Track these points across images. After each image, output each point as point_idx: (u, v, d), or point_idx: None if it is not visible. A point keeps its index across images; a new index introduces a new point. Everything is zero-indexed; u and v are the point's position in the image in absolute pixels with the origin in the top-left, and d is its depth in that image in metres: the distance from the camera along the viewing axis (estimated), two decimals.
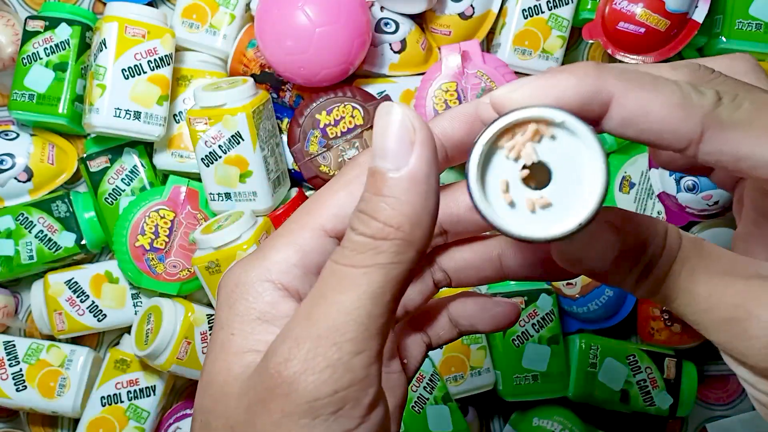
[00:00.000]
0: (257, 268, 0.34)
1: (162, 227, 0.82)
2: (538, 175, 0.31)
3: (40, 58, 0.82)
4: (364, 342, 0.30)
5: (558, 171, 0.31)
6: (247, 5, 0.84)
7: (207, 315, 0.82)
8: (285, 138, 0.83)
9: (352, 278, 0.30)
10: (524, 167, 0.30)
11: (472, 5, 0.84)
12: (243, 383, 0.32)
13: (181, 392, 0.92)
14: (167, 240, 0.82)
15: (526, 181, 0.31)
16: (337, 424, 0.30)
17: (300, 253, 0.35)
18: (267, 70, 0.84)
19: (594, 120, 0.30)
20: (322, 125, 0.79)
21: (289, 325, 0.31)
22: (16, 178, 0.85)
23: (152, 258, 0.82)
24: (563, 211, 0.30)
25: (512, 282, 0.87)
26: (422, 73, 0.82)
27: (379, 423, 0.32)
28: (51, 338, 0.87)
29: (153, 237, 0.82)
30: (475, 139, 0.30)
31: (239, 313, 0.34)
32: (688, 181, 0.83)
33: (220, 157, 0.77)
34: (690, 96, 0.29)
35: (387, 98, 0.80)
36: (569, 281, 0.86)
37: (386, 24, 0.83)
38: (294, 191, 0.84)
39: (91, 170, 0.84)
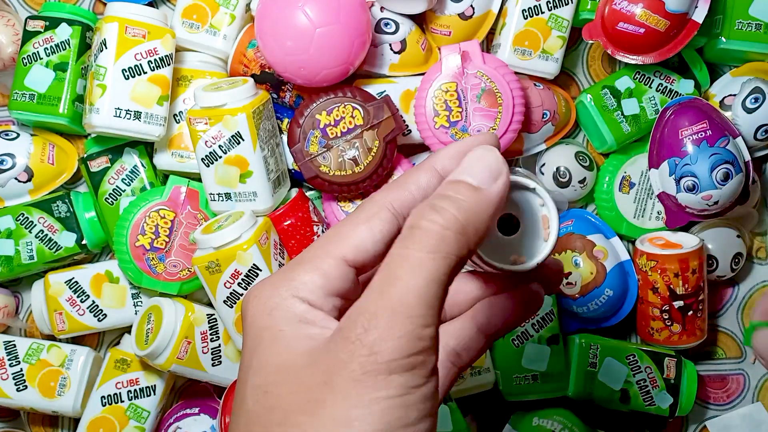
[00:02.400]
0: (286, 286, 0.39)
1: (162, 227, 0.82)
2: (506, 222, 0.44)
3: (41, 58, 0.82)
4: (430, 318, 0.36)
5: (523, 220, 0.44)
6: (248, 5, 0.84)
7: (207, 315, 0.82)
8: (285, 138, 0.84)
9: (423, 262, 0.36)
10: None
11: (472, 5, 0.84)
12: (311, 356, 0.37)
13: (181, 392, 0.92)
14: (167, 240, 0.82)
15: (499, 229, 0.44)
16: (409, 379, 0.35)
17: (324, 279, 0.39)
18: (267, 70, 0.84)
19: None
20: (322, 125, 0.79)
21: (362, 302, 0.36)
22: (16, 178, 0.85)
23: (153, 258, 0.82)
24: (528, 250, 0.43)
25: None
26: (422, 74, 0.82)
27: (436, 386, 0.37)
28: (51, 338, 0.87)
29: (153, 237, 0.82)
30: None
31: (280, 317, 0.39)
32: (688, 181, 0.83)
33: (220, 157, 0.77)
34: None
35: (387, 98, 0.80)
36: (569, 281, 0.86)
37: (386, 24, 0.83)
38: (294, 191, 0.84)
39: (92, 170, 0.84)
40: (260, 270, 0.75)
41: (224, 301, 0.76)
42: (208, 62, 0.85)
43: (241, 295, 0.75)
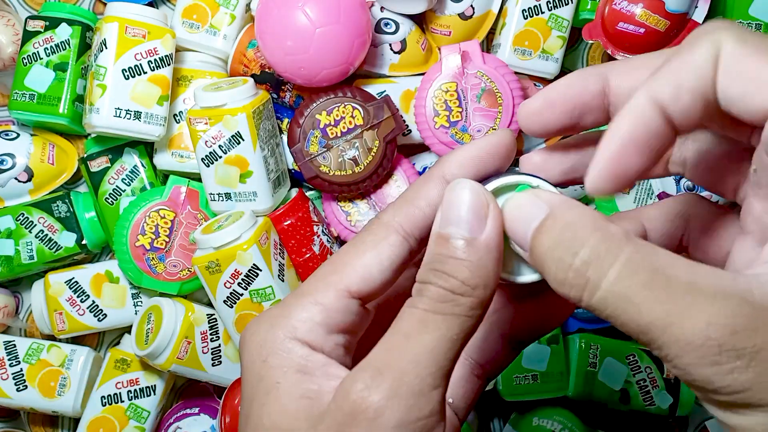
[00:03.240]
0: (283, 327, 0.37)
1: (162, 227, 0.82)
2: None
3: (41, 58, 0.82)
4: (440, 378, 0.34)
5: None
6: (248, 5, 0.84)
7: (207, 315, 0.82)
8: (285, 138, 0.84)
9: (433, 322, 0.34)
10: None
11: (472, 5, 0.84)
12: (310, 421, 0.34)
13: (181, 392, 0.92)
14: (167, 240, 0.82)
15: None
16: None
17: (324, 313, 0.37)
18: (267, 70, 0.84)
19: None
20: (322, 125, 0.79)
21: (368, 359, 0.34)
22: (16, 178, 0.85)
23: (153, 258, 0.82)
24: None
25: None
26: (422, 74, 0.82)
27: None
28: (51, 338, 0.87)
29: (153, 237, 0.82)
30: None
31: (276, 366, 0.36)
32: (688, 181, 0.83)
33: (220, 157, 0.77)
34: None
35: (387, 98, 0.80)
36: None
37: (386, 24, 0.83)
38: (294, 191, 0.84)
39: (92, 170, 0.84)
40: (260, 270, 0.75)
41: (224, 301, 0.76)
42: (208, 62, 0.85)
43: (241, 294, 0.75)
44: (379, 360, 0.34)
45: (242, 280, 0.75)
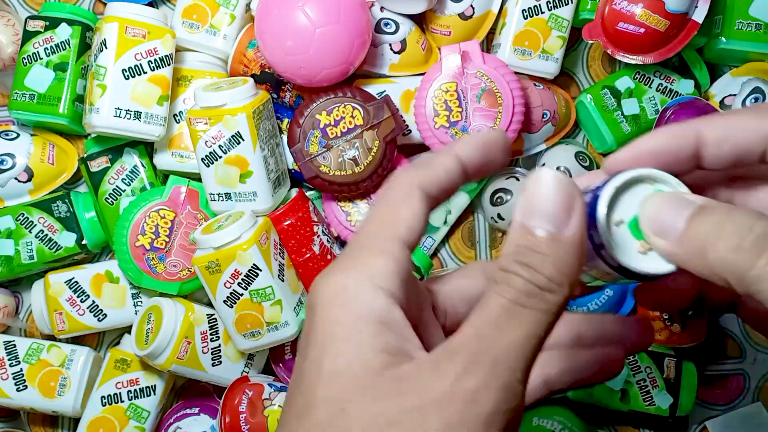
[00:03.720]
0: (361, 273, 0.36)
1: (162, 227, 0.82)
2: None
3: (41, 58, 0.82)
4: (526, 373, 0.34)
5: None
6: (248, 5, 0.84)
7: (207, 315, 0.82)
8: (285, 138, 0.84)
9: (523, 315, 0.34)
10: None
11: (472, 5, 0.84)
12: (397, 382, 0.34)
13: (181, 392, 0.92)
14: (167, 240, 0.82)
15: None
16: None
17: (395, 263, 0.37)
18: (267, 70, 0.84)
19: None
20: (322, 125, 0.79)
21: (460, 341, 0.34)
22: (16, 178, 0.85)
23: (153, 258, 0.82)
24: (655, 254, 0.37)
25: None
26: (422, 74, 0.82)
27: None
28: (51, 338, 0.87)
29: (153, 237, 0.82)
30: (597, 192, 0.37)
31: (357, 313, 0.35)
32: None
33: (220, 157, 0.77)
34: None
35: (387, 98, 0.80)
36: None
37: (386, 24, 0.83)
38: (294, 191, 0.84)
39: (92, 170, 0.84)
40: (260, 270, 0.75)
41: (224, 301, 0.76)
42: (208, 62, 0.85)
43: (241, 294, 0.75)
44: (473, 345, 0.34)
45: (242, 280, 0.75)
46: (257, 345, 0.78)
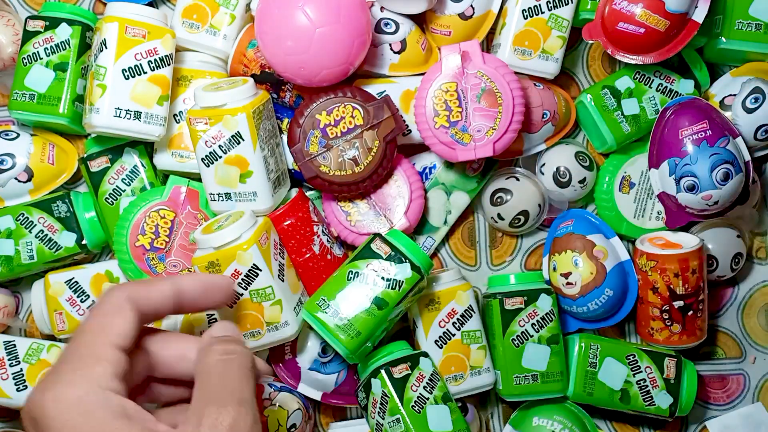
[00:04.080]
0: (89, 382, 0.43)
1: (162, 227, 0.82)
2: None
3: (41, 58, 0.82)
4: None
5: None
6: (248, 6, 0.84)
7: (207, 315, 0.82)
8: (285, 138, 0.84)
9: None
10: None
11: (472, 5, 0.84)
12: None
13: None
14: (167, 240, 0.82)
15: None
16: None
17: (112, 366, 0.44)
18: (267, 70, 0.84)
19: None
20: (322, 125, 0.79)
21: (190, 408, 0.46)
22: (16, 178, 0.85)
23: (153, 258, 0.82)
24: None
25: (512, 282, 0.87)
26: (422, 74, 0.82)
27: None
28: (51, 338, 0.87)
29: (153, 237, 0.82)
30: None
31: (101, 418, 0.42)
32: (688, 181, 0.83)
33: (220, 157, 0.77)
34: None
35: (387, 98, 0.80)
36: (570, 281, 0.86)
37: (386, 24, 0.83)
38: (294, 191, 0.84)
39: (92, 170, 0.84)
40: (260, 270, 0.75)
41: None
42: (208, 62, 0.85)
43: (241, 294, 0.75)
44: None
45: (242, 279, 0.75)
46: (257, 345, 0.78)
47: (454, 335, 0.83)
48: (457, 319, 0.83)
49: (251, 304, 0.76)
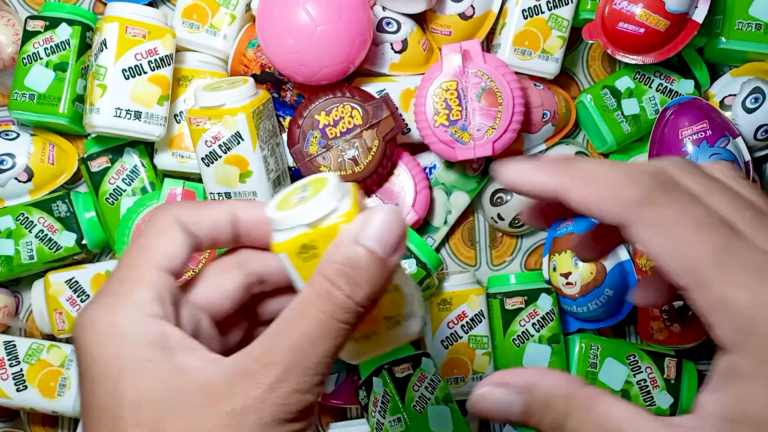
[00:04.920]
0: (127, 306, 0.39)
1: None
2: None
3: (41, 58, 0.82)
4: (325, 376, 0.38)
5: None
6: (248, 5, 0.84)
7: None
8: (286, 137, 0.84)
9: (336, 330, 0.38)
10: None
11: (472, 5, 0.84)
12: (204, 393, 0.37)
13: None
14: None
15: None
16: (304, 427, 0.38)
17: (155, 289, 0.40)
18: (267, 70, 0.84)
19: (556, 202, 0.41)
20: (321, 126, 0.79)
21: (271, 350, 0.37)
22: (16, 178, 0.85)
23: None
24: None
25: (513, 282, 0.87)
26: (422, 74, 0.82)
27: None
28: (51, 338, 0.87)
29: None
30: None
31: (138, 344, 0.38)
32: None
33: (220, 156, 0.77)
34: (617, 189, 0.38)
35: (386, 97, 0.80)
36: (569, 281, 0.86)
37: (388, 23, 0.83)
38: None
39: (92, 170, 0.84)
40: None
41: None
42: (209, 62, 0.85)
43: None
44: (288, 358, 0.37)
45: None
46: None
47: (461, 338, 0.83)
48: (467, 322, 0.84)
49: None
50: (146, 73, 0.78)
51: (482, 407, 0.39)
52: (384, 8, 0.84)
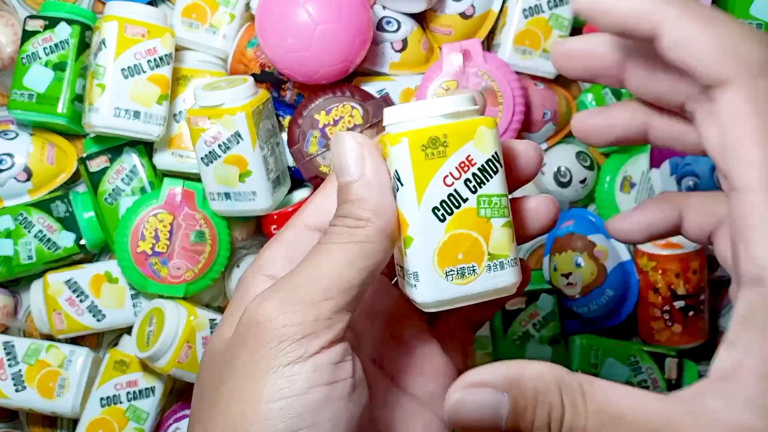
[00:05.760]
0: (251, 266, 0.44)
1: (162, 231, 0.82)
2: None
3: (40, 58, 0.82)
4: (334, 293, 0.38)
5: None
6: (247, 5, 0.84)
7: (210, 319, 0.82)
8: (285, 137, 0.83)
9: (330, 249, 0.39)
10: None
11: (472, 5, 0.84)
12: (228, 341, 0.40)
13: (181, 393, 0.92)
14: (168, 243, 0.82)
15: None
16: (299, 349, 0.37)
17: (285, 247, 0.44)
18: (267, 69, 0.83)
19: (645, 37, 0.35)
20: (321, 125, 0.79)
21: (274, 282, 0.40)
22: (15, 178, 0.85)
23: (155, 262, 0.81)
24: None
25: None
26: (423, 73, 0.82)
27: (336, 359, 0.38)
28: (50, 338, 0.87)
29: (154, 241, 0.81)
30: None
31: (243, 299, 0.42)
32: (689, 180, 0.83)
33: (219, 156, 0.76)
34: (739, 41, 0.32)
35: (387, 97, 0.80)
36: (570, 282, 0.86)
37: (388, 23, 0.83)
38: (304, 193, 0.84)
39: (91, 170, 0.84)
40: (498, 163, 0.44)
41: (437, 209, 0.43)
42: (208, 61, 0.85)
43: (466, 200, 0.43)
44: (277, 283, 0.39)
45: (474, 175, 0.43)
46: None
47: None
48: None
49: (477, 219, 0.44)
50: (145, 72, 0.78)
51: (464, 416, 0.33)
52: (384, 7, 0.83)
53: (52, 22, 0.82)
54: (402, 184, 0.40)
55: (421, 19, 0.86)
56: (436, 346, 0.48)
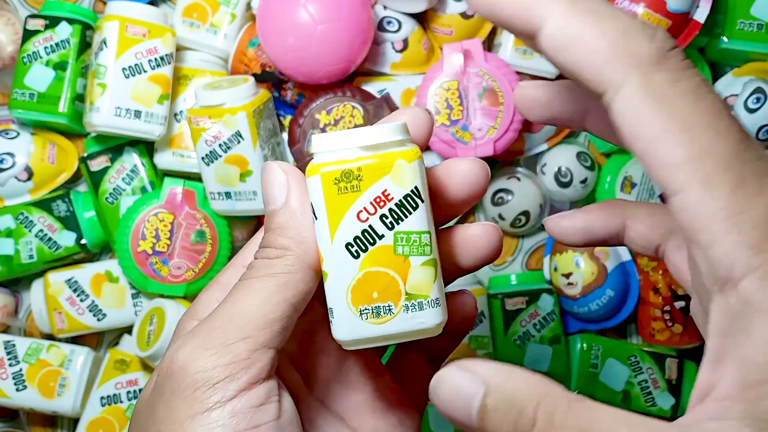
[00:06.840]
0: (187, 311, 0.42)
1: (162, 230, 0.82)
2: None
3: (41, 57, 0.82)
4: (252, 331, 0.36)
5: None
6: (248, 4, 0.84)
7: None
8: (286, 136, 0.83)
9: (248, 285, 0.38)
10: None
11: None
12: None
13: None
14: (169, 243, 0.82)
15: None
16: (215, 394, 0.35)
17: (222, 290, 0.41)
18: (268, 69, 0.83)
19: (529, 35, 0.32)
20: (322, 125, 0.79)
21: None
22: (16, 177, 0.85)
23: (156, 262, 0.82)
24: None
25: (514, 282, 0.86)
26: (424, 73, 0.82)
27: (258, 402, 0.36)
28: (51, 337, 0.87)
29: (154, 241, 0.81)
30: None
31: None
32: None
33: (220, 156, 0.76)
34: (628, 36, 0.29)
35: (387, 97, 0.80)
36: (571, 282, 0.86)
37: (389, 23, 0.83)
38: None
39: (92, 170, 0.84)
40: None
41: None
42: (209, 61, 0.85)
43: None
44: (197, 326, 0.38)
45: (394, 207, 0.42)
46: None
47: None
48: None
49: None
50: (146, 71, 0.78)
51: (440, 393, 0.31)
52: (385, 7, 0.83)
53: (53, 22, 0.82)
54: (317, 218, 0.39)
55: (422, 19, 0.86)
56: (389, 382, 0.45)
